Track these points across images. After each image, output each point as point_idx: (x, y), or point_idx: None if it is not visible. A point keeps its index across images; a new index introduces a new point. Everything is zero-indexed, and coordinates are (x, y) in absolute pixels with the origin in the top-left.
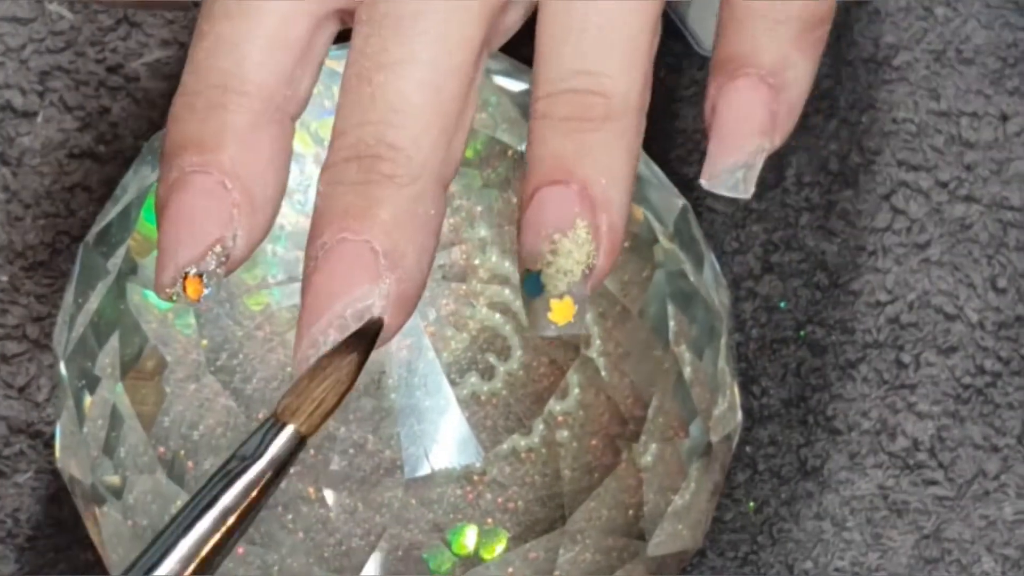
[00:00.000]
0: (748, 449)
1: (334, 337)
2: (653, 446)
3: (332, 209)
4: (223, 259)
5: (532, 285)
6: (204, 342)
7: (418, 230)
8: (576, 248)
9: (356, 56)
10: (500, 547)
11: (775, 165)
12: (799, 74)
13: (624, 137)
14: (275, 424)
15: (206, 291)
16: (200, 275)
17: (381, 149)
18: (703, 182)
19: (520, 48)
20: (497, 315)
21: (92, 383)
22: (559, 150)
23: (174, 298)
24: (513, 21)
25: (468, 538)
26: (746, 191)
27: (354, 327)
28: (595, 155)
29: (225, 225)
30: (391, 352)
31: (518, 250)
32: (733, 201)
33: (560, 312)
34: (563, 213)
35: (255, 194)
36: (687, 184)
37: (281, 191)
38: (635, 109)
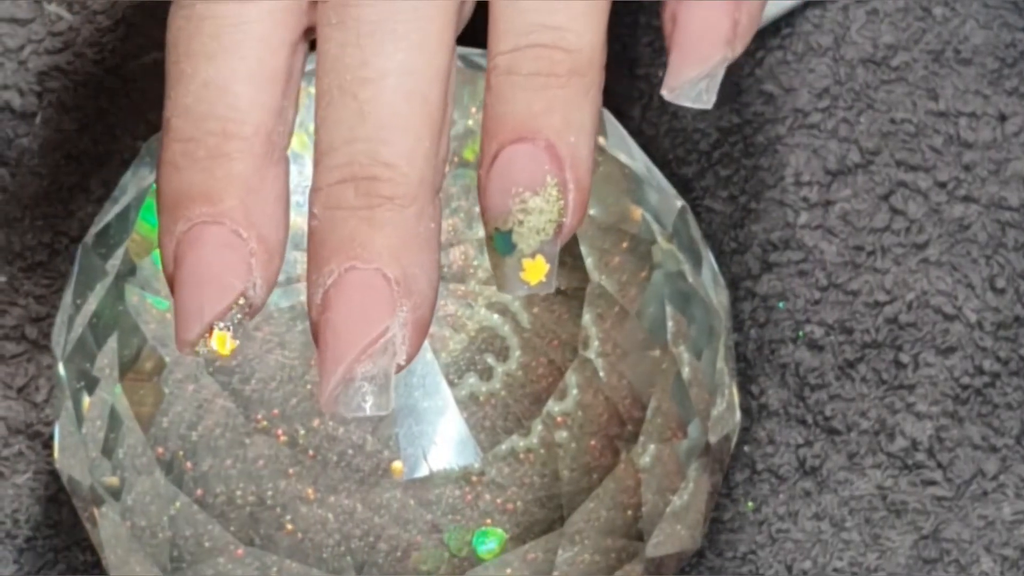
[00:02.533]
0: (747, 449)
1: (361, 375)
2: (651, 447)
3: (336, 237)
4: (246, 309)
5: (503, 244)
6: None
7: (423, 249)
8: (547, 206)
9: (334, 66)
10: (498, 548)
11: (773, 164)
12: None
13: (589, 93)
14: None
15: (235, 344)
16: (226, 328)
17: (377, 169)
18: (664, 93)
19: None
20: (495, 316)
21: (91, 384)
22: (525, 107)
23: (199, 353)
24: (471, 6)
25: (466, 539)
26: (708, 101)
27: (381, 360)
28: (562, 111)
29: (246, 276)
30: None
31: (482, 211)
32: (731, 200)
33: (533, 271)
34: (533, 171)
35: (269, 239)
36: (686, 185)
37: (287, 228)
38: (598, 64)
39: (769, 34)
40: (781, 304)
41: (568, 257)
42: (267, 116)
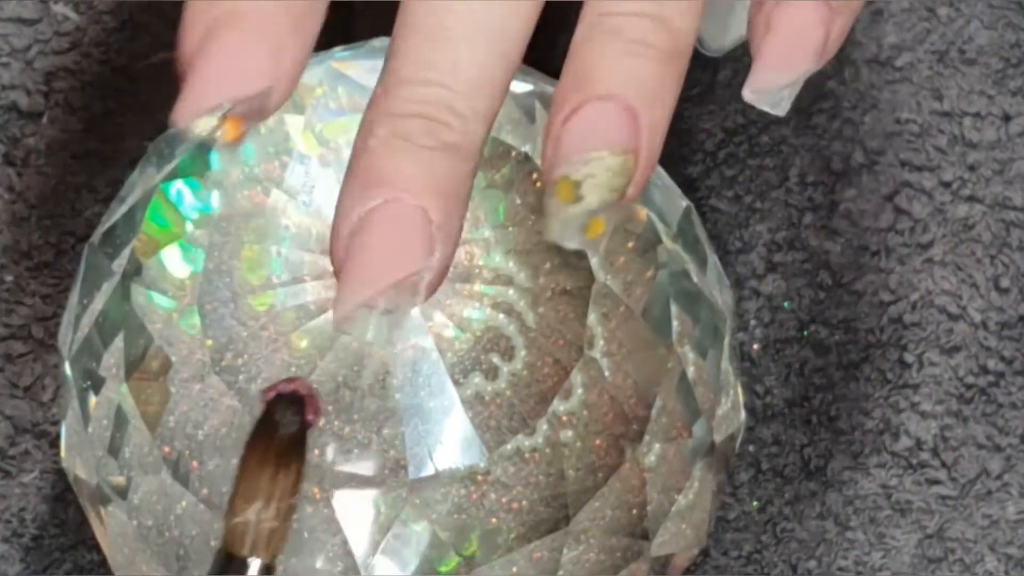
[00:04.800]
0: (751, 449)
1: (383, 306)
2: (657, 446)
3: (392, 164)
4: (259, 110)
5: (569, 195)
6: (209, 342)
7: (464, 204)
8: (618, 167)
9: (423, 3)
10: (504, 547)
11: (778, 165)
12: None
13: (679, 78)
14: (235, 561)
15: (242, 137)
16: (239, 117)
17: (449, 116)
18: (746, 94)
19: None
20: (501, 316)
21: (97, 383)
22: (621, 69)
23: (198, 130)
24: None
25: (472, 538)
26: (783, 109)
27: (405, 298)
28: (654, 84)
29: (270, 69)
30: (395, 352)
31: (551, 157)
32: (736, 200)
33: (592, 228)
34: (617, 131)
35: (286, 51)
36: (690, 184)
37: (311, 46)
38: (690, 49)
39: None
40: (786, 304)
41: (573, 257)
42: None
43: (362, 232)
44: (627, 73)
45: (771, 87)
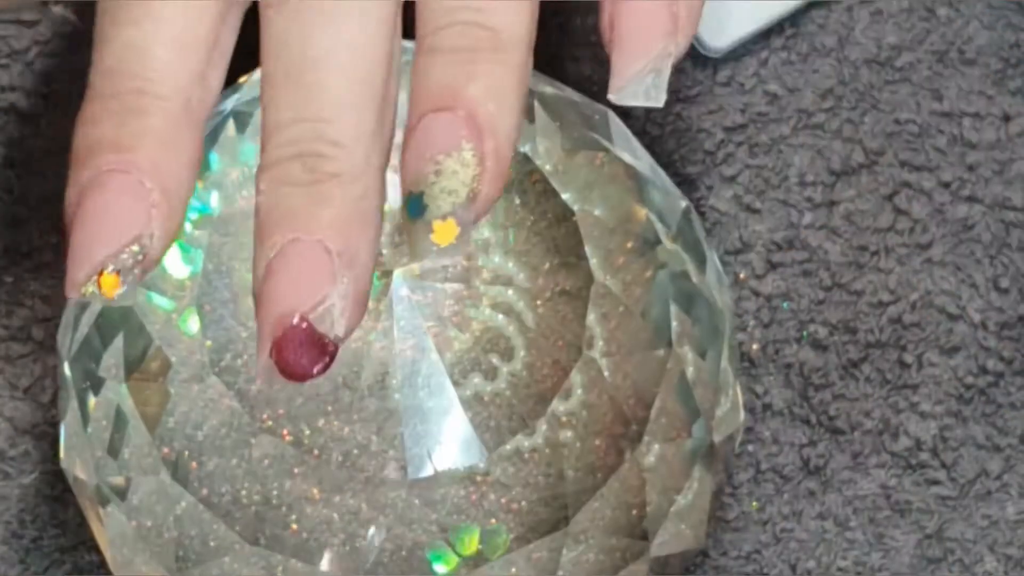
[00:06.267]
0: (751, 449)
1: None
2: (656, 446)
3: (281, 210)
4: (139, 258)
5: (414, 207)
6: (208, 343)
7: (366, 225)
8: (461, 169)
9: (277, 49)
10: (503, 547)
11: (778, 165)
12: None
13: (511, 67)
14: None
15: (121, 289)
16: (117, 271)
17: (323, 147)
18: (611, 96)
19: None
20: (500, 316)
21: (96, 384)
22: (445, 78)
23: (86, 294)
24: None
25: (472, 539)
26: (658, 98)
27: (325, 328)
28: (482, 82)
29: (144, 223)
30: (395, 353)
31: (402, 176)
32: (735, 200)
33: (442, 233)
34: (449, 137)
35: (173, 194)
36: (690, 185)
37: (190, 194)
38: (523, 42)
39: (773, 34)
40: (785, 304)
41: (572, 257)
42: (186, 80)
43: (266, 281)
44: (449, 80)
45: (631, 77)
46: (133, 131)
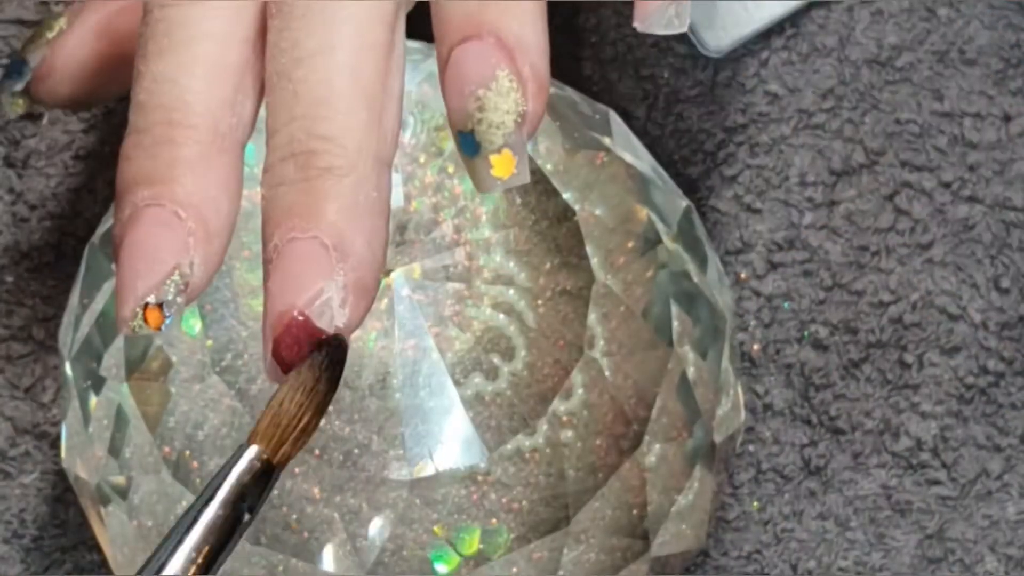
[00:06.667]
0: (751, 449)
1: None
2: (657, 446)
3: (277, 211)
4: (182, 287)
5: (468, 145)
6: (209, 342)
7: (364, 216)
8: (502, 99)
9: (274, 52)
10: (504, 547)
11: (779, 165)
12: None
13: None
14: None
15: (167, 320)
16: (160, 305)
17: (313, 143)
18: (637, 25)
19: None
20: (501, 316)
21: (97, 383)
22: (467, 8)
23: (135, 330)
24: None
25: (472, 538)
26: (681, 25)
27: (319, 324)
28: (506, 5)
29: (181, 253)
30: (396, 352)
31: (447, 114)
32: (736, 200)
33: (501, 166)
34: (482, 66)
35: (209, 221)
36: (691, 185)
37: (234, 217)
38: None
39: (774, 35)
40: (786, 304)
41: (573, 257)
42: (216, 106)
43: (267, 281)
44: (474, 8)
45: (655, 10)
46: (165, 163)
